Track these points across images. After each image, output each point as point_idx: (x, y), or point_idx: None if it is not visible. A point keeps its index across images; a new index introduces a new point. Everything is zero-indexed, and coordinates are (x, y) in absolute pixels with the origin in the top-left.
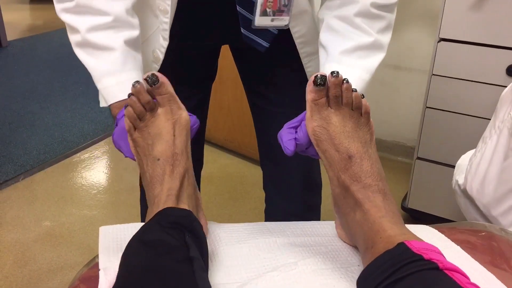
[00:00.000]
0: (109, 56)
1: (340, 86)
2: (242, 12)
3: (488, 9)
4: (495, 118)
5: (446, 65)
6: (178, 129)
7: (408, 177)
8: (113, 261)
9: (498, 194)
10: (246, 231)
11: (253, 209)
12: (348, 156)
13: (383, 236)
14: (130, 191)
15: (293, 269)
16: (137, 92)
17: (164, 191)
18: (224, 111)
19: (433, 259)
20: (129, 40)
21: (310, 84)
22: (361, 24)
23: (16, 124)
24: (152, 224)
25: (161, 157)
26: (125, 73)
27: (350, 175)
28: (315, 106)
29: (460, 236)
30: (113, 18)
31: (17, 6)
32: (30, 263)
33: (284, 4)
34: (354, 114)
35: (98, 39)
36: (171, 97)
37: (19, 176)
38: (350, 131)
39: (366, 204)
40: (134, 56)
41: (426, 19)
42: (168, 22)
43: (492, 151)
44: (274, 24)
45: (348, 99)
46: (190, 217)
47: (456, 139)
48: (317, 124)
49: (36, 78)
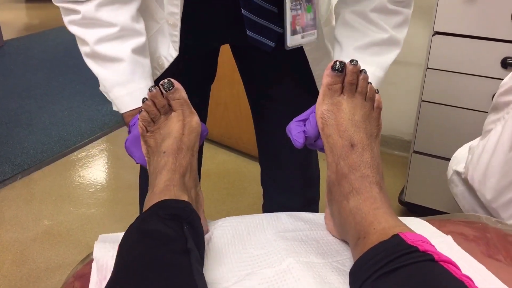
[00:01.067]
0: (118, 67)
1: (357, 74)
2: (247, 15)
3: (482, 2)
4: (497, 109)
5: (441, 58)
6: (188, 129)
7: (405, 171)
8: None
9: (500, 186)
10: (239, 226)
11: (251, 205)
12: (351, 144)
13: (377, 228)
14: (128, 189)
15: (285, 263)
16: (153, 96)
17: (163, 180)
18: (221, 108)
19: (428, 250)
20: (137, 48)
21: (328, 68)
22: (377, 20)
23: (13, 124)
24: (150, 215)
25: (167, 150)
26: (135, 83)
27: (350, 163)
28: (329, 90)
29: (454, 227)
30: (119, 28)
31: (13, 5)
32: (28, 262)
33: (311, 18)
34: (366, 105)
35: (106, 51)
36: (184, 102)
37: (16, 175)
38: (358, 121)
39: (363, 194)
40: (142, 64)
41: (420, 13)
42: (177, 35)
43: (496, 142)
44: (305, 40)
45: (363, 88)
46: (189, 208)
47: (452, 132)
48: (327, 108)
49: (33, 77)
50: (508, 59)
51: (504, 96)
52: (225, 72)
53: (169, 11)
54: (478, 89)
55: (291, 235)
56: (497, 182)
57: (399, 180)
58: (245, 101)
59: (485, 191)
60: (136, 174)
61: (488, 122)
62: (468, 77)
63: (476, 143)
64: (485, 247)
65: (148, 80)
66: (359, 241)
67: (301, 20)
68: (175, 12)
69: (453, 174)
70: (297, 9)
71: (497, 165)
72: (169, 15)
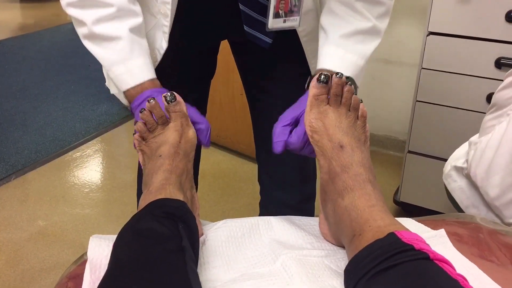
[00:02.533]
0: (116, 45)
1: (342, 86)
2: (245, 10)
3: (476, 2)
4: (498, 105)
5: (435, 58)
6: (184, 139)
7: (400, 171)
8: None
9: (505, 184)
10: (234, 228)
11: (246, 205)
12: (340, 145)
13: (372, 225)
14: (123, 189)
15: (279, 261)
16: (152, 107)
17: (159, 179)
18: (216, 107)
19: (424, 249)
20: (134, 28)
21: (314, 80)
22: (361, 9)
23: (7, 124)
24: (144, 214)
25: (163, 154)
26: (133, 60)
27: (341, 163)
28: (316, 101)
29: (448, 228)
30: (116, 8)
31: (8, 5)
32: (22, 262)
33: (294, 5)
34: (350, 115)
35: (105, 30)
36: (183, 115)
37: (10, 175)
38: (345, 128)
39: (357, 190)
40: (140, 42)
41: (415, 13)
42: (168, 26)
43: (500, 138)
44: (287, 25)
45: (347, 99)
46: (184, 207)
47: (447, 132)
48: (314, 117)
49: (27, 77)
50: (502, 59)
51: (504, 92)
52: (220, 72)
53: (161, 0)
54: (473, 89)
55: (286, 238)
56: (501, 179)
57: (393, 180)
58: (240, 102)
59: (488, 188)
60: (131, 174)
61: (489, 119)
62: (462, 77)
63: (476, 139)
64: (478, 247)
65: (146, 58)
66: (354, 238)
67: (285, 5)
68: (167, 1)
69: (452, 169)
70: None
71: (501, 162)
72: (161, 4)
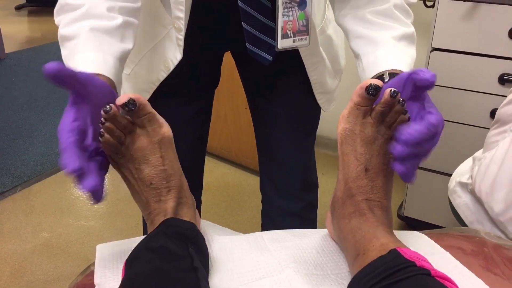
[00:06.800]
0: (71, 43)
1: (392, 107)
2: (247, 28)
3: (479, 19)
4: (502, 121)
5: (439, 74)
6: (164, 148)
7: (404, 185)
8: (108, 276)
9: (509, 200)
10: (238, 241)
11: (250, 218)
12: (366, 168)
13: (376, 244)
14: (127, 201)
15: (284, 273)
16: (111, 118)
17: (162, 209)
18: (221, 120)
19: (425, 266)
20: (97, 28)
21: (362, 88)
22: (400, 17)
23: (14, 136)
24: (157, 233)
25: (153, 181)
26: (83, 53)
27: (359, 185)
28: (356, 110)
29: (452, 241)
30: (85, 10)
31: (15, 18)
32: (27, 274)
33: (302, 25)
34: (387, 133)
35: (66, 32)
36: (151, 117)
37: (16, 187)
38: (377, 148)
39: (365, 215)
40: (100, 41)
41: (418, 29)
42: (182, 39)
43: (504, 154)
44: (296, 44)
45: (392, 119)
46: (194, 230)
47: (450, 147)
48: (349, 127)
49: (34, 89)
50: (505, 76)
51: (508, 107)
52: (224, 85)
53: (175, 15)
54: (476, 105)
55: (291, 245)
56: (505, 195)
57: (397, 194)
58: (244, 115)
59: (492, 203)
60: None
61: (493, 134)
62: (466, 93)
63: (480, 154)
64: (483, 261)
65: (105, 55)
66: (358, 257)
67: (293, 26)
68: (180, 16)
69: (456, 185)
70: (289, 15)
71: (505, 177)
72: (175, 19)
